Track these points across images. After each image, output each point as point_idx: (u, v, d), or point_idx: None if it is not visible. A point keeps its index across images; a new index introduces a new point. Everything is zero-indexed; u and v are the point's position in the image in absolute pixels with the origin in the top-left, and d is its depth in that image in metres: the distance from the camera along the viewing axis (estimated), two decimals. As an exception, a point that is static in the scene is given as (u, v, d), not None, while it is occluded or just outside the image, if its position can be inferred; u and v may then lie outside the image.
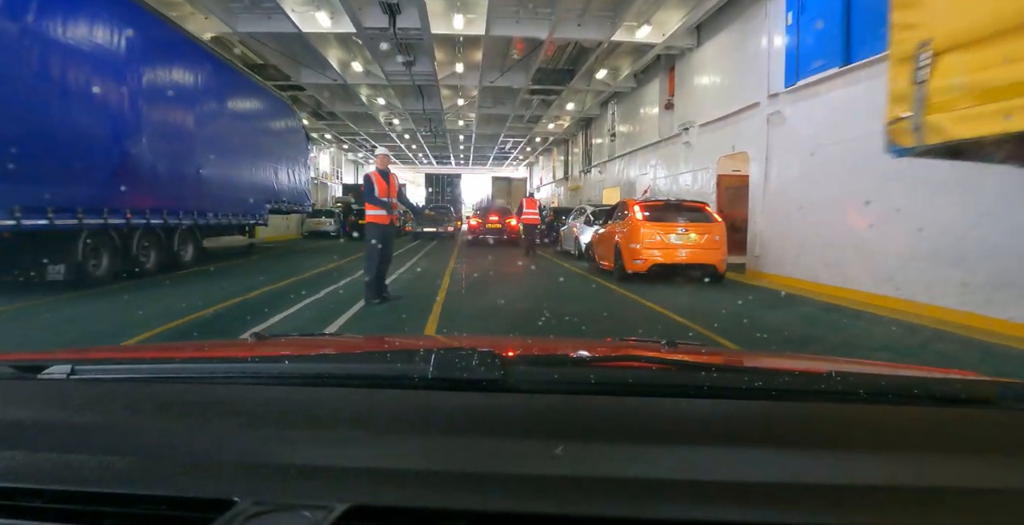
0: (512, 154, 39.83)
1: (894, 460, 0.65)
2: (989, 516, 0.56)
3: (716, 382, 0.87)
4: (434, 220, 24.86)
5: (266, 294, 7.77)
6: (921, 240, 6.77)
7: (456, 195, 39.77)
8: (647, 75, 17.35)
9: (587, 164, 25.77)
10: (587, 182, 26.19)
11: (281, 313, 6.13)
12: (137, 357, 1.21)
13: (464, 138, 31.91)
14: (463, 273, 11.01)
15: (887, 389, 0.86)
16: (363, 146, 36.65)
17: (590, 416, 0.74)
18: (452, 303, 7.08)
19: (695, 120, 13.80)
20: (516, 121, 25.36)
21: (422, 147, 35.67)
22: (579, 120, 25.46)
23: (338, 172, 41.08)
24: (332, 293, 7.96)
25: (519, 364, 0.92)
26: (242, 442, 0.67)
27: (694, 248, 9.21)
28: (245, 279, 9.63)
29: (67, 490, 0.58)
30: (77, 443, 0.66)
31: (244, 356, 1.11)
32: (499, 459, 0.63)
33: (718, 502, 0.56)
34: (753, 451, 0.65)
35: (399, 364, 0.91)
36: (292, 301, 6.88)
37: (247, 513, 0.53)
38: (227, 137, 12.11)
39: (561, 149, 32.48)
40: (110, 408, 0.78)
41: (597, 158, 24.07)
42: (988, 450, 0.68)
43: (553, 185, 35.82)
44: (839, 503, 0.57)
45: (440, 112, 23.07)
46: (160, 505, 0.57)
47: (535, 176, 44.44)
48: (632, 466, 0.61)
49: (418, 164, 46.24)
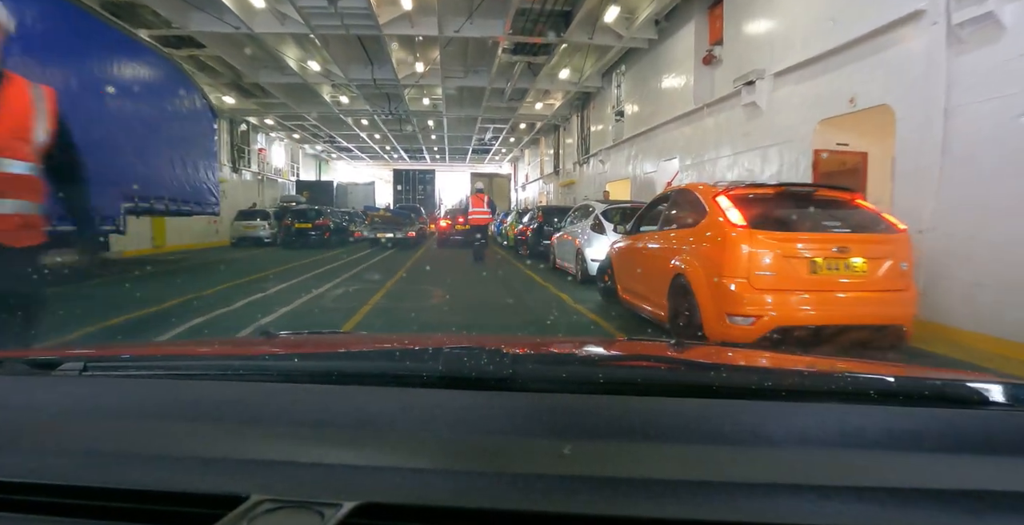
0: (493, 147, 34.71)
1: (905, 461, 0.64)
2: (998, 518, 0.55)
3: (725, 382, 0.87)
4: (391, 223, 19.78)
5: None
6: None
7: (430, 194, 34.63)
8: (674, 21, 12.36)
9: (583, 154, 20.73)
10: (583, 176, 21.16)
11: None
12: (149, 354, 1.19)
13: (435, 125, 26.67)
14: (388, 305, 7.17)
15: (898, 390, 0.85)
16: (319, 137, 31.35)
17: (598, 415, 0.74)
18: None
19: (766, 68, 8.80)
20: (495, 98, 20.24)
21: (388, 139, 30.45)
22: (574, 98, 20.42)
23: (295, 168, 35.74)
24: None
25: (528, 363, 0.95)
26: (253, 439, 0.68)
27: (862, 289, 4.19)
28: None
29: (81, 486, 0.58)
30: (90, 439, 0.67)
31: (255, 353, 1.15)
32: (508, 458, 0.63)
33: (727, 503, 0.56)
34: (763, 451, 0.66)
35: (409, 362, 0.94)
36: None
37: (259, 509, 0.52)
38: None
39: (550, 139, 27.42)
40: (122, 405, 0.80)
41: (597, 145, 19.04)
42: (1003, 451, 0.67)
43: (541, 182, 30.71)
44: (850, 505, 0.56)
45: (396, 84, 17.90)
46: (172, 501, 0.57)
47: (520, 173, 39.35)
48: (640, 466, 0.61)
49: (389, 160, 40.98)
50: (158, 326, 5.50)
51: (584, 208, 10.74)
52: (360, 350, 1.22)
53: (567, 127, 23.62)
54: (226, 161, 23.99)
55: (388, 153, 38.04)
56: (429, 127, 26.81)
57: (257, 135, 29.19)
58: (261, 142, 31.00)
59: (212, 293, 7.87)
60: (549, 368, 0.95)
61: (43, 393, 0.85)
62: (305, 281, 9.58)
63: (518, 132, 28.43)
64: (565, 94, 20.13)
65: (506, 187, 34.10)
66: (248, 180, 27.23)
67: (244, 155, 26.73)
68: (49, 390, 0.86)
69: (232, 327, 5.55)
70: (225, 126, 23.55)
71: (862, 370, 1.09)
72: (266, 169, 31.13)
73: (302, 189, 31.40)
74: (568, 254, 10.26)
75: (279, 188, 31.59)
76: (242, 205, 22.82)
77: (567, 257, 10.36)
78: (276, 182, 31.77)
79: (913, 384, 0.91)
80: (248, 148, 26.97)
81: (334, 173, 44.05)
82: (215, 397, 0.82)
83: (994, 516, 0.55)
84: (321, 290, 8.48)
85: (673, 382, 0.89)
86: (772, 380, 0.89)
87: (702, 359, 1.15)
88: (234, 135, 24.88)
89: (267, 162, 31.46)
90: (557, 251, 11.31)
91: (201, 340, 3.25)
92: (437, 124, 26.39)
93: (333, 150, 37.70)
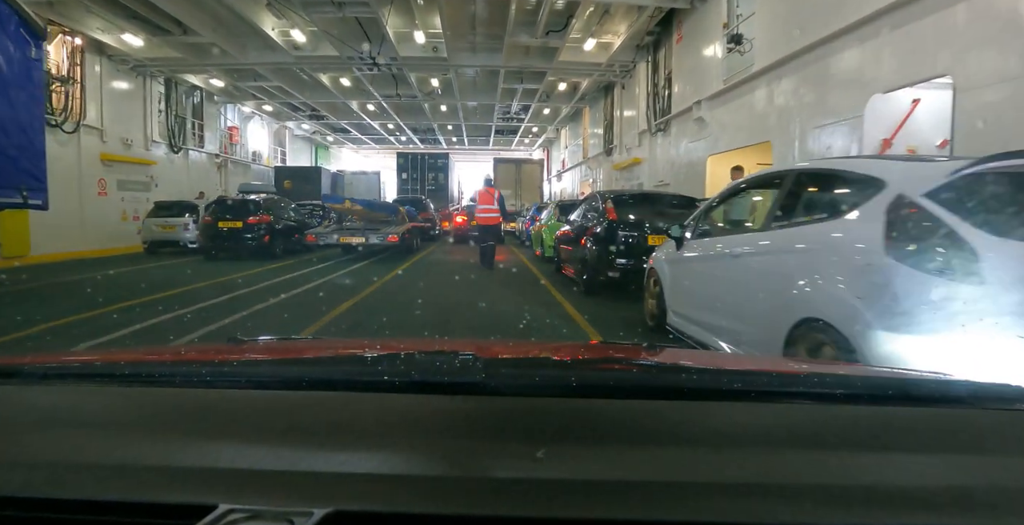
0: (522, 125, 27.68)
1: (870, 460, 0.65)
2: (961, 516, 0.56)
3: (696, 384, 0.88)
4: (366, 222, 13.15)
5: None
6: None
7: (442, 183, 27.80)
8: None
9: (660, 116, 13.63)
10: (656, 151, 14.08)
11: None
12: (113, 361, 1.12)
13: (442, 87, 19.69)
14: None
15: (863, 390, 0.88)
16: (300, 109, 24.72)
17: (572, 419, 0.74)
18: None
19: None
20: (524, 29, 13.24)
21: (385, 111, 23.64)
22: (644, 31, 13.32)
23: (279, 153, 29.26)
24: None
25: (501, 367, 0.96)
26: (221, 447, 0.67)
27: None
28: None
29: (42, 498, 0.57)
30: (52, 450, 0.66)
31: (222, 360, 1.10)
32: (481, 462, 0.63)
33: (700, 504, 0.56)
34: (734, 452, 0.66)
35: (381, 367, 0.93)
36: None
37: (227, 519, 0.51)
38: None
39: (598, 109, 20.31)
40: (85, 413, 0.79)
41: (687, 98, 11.95)
42: (964, 450, 0.69)
43: (583, 167, 23.61)
44: (819, 503, 0.56)
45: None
46: (138, 512, 0.55)
47: (554, 160, 32.28)
48: (614, 468, 0.61)
49: (396, 144, 34.29)
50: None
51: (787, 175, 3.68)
52: (331, 356, 1.24)
53: (627, 83, 16.48)
54: (158, 137, 17.53)
55: (394, 135, 31.32)
56: (434, 88, 19.77)
57: (221, 109, 22.75)
58: (232, 119, 24.59)
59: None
60: (522, 372, 0.94)
61: (2, 403, 0.82)
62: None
63: (555, 98, 21.29)
64: (632, 17, 13.00)
65: (538, 176, 27.07)
66: (201, 161, 20.74)
67: (195, 130, 20.30)
68: (8, 399, 0.83)
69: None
70: (153, 87, 17.07)
71: (828, 371, 1.13)
72: (239, 152, 24.69)
73: (282, 177, 24.81)
74: (725, 306, 3.34)
75: (255, 177, 25.09)
76: (188, 197, 16.29)
77: (718, 311, 3.45)
78: (250, 168, 25.29)
79: (877, 384, 0.96)
80: (200, 122, 20.50)
81: (337, 163, 37.57)
82: (182, 404, 0.80)
83: (958, 513, 0.55)
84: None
85: (645, 385, 0.90)
86: (742, 382, 0.91)
87: (673, 362, 1.18)
88: (175, 102, 18.39)
89: (240, 144, 25.01)
90: (671, 289, 4.37)
91: (167, 347, 3.19)
92: (445, 86, 19.41)
93: (327, 131, 31.06)
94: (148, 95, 16.98)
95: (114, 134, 15.42)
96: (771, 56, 8.58)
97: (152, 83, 17.11)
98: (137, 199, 16.39)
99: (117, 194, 15.80)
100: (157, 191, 17.14)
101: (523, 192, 24.53)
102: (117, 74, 15.58)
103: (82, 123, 14.01)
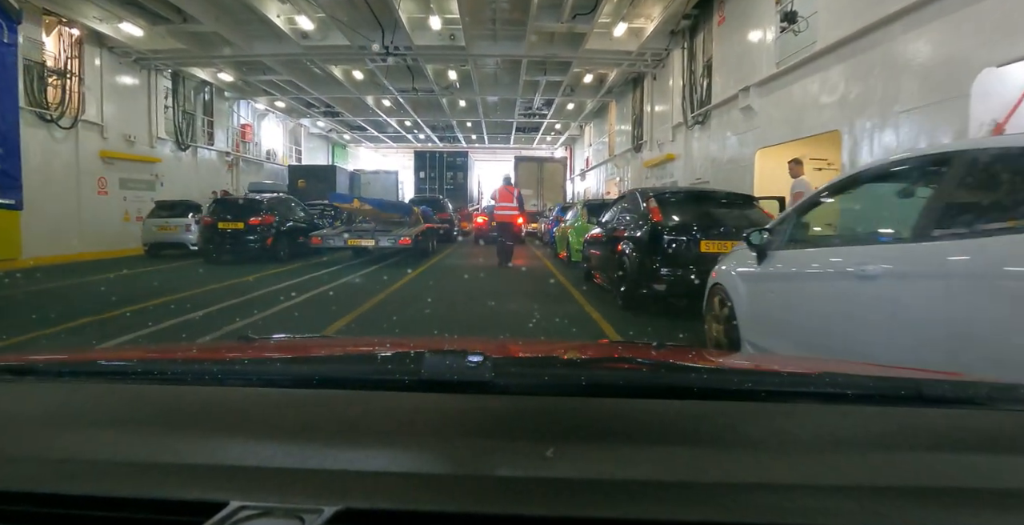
0: (544, 121, 26.53)
1: (881, 460, 0.64)
2: (974, 517, 0.55)
3: (706, 383, 0.87)
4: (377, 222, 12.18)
5: None
6: None
7: (461, 183, 26.78)
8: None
9: (699, 107, 12.41)
10: (693, 146, 12.87)
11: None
12: (125, 359, 1.15)
13: (461, 81, 18.64)
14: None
15: (875, 390, 0.86)
16: (314, 106, 23.87)
17: (581, 417, 0.74)
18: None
19: None
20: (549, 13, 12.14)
21: (401, 106, 22.66)
22: (680, 14, 12.13)
23: (295, 152, 28.48)
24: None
25: (510, 366, 0.95)
26: (232, 444, 0.66)
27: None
28: None
29: (55, 494, 0.57)
30: (65, 446, 0.66)
31: (234, 358, 1.11)
32: (490, 461, 0.62)
33: (710, 503, 0.55)
34: (744, 452, 0.65)
35: (390, 366, 0.95)
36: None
37: (238, 515, 0.51)
38: None
39: (626, 103, 19.11)
40: (97, 410, 0.78)
41: (732, 86, 10.75)
42: (979, 450, 0.67)
43: (609, 166, 22.40)
44: (829, 504, 0.56)
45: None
46: (150, 508, 0.55)
47: (577, 159, 31.07)
48: (623, 467, 0.61)
49: (414, 142, 33.36)
50: None
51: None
52: (342, 354, 1.25)
53: (659, 74, 15.28)
54: (164, 134, 16.73)
55: (412, 132, 30.38)
56: (452, 82, 18.70)
57: (233, 105, 21.98)
58: (246, 116, 23.81)
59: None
60: (532, 371, 0.94)
61: (17, 399, 0.82)
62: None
63: (580, 91, 20.10)
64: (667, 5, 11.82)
65: (560, 175, 25.86)
66: (211, 159, 19.96)
67: (205, 127, 19.51)
68: (23, 396, 0.84)
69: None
70: (159, 82, 16.28)
71: (839, 371, 1.08)
72: (252, 150, 23.90)
73: (296, 176, 23.97)
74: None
75: (268, 176, 24.31)
76: (197, 197, 15.46)
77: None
78: (263, 167, 24.50)
79: (889, 384, 0.93)
80: (210, 119, 19.72)
81: (356, 162, 36.77)
82: (194, 402, 0.80)
83: (970, 513, 0.55)
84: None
85: (655, 384, 0.90)
86: (752, 381, 0.92)
87: (683, 361, 1.16)
88: (182, 97, 17.61)
89: (253, 142, 24.23)
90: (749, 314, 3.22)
91: (180, 345, 3.17)
92: (464, 79, 18.36)
93: (343, 129, 30.24)
94: (153, 90, 16.16)
95: (116, 130, 14.61)
96: (838, 32, 7.36)
97: (158, 78, 16.29)
98: (141, 198, 15.55)
99: (119, 193, 14.99)
100: (164, 190, 16.32)
101: (545, 191, 23.36)
102: (119, 67, 14.77)
103: (80, 118, 13.21)
